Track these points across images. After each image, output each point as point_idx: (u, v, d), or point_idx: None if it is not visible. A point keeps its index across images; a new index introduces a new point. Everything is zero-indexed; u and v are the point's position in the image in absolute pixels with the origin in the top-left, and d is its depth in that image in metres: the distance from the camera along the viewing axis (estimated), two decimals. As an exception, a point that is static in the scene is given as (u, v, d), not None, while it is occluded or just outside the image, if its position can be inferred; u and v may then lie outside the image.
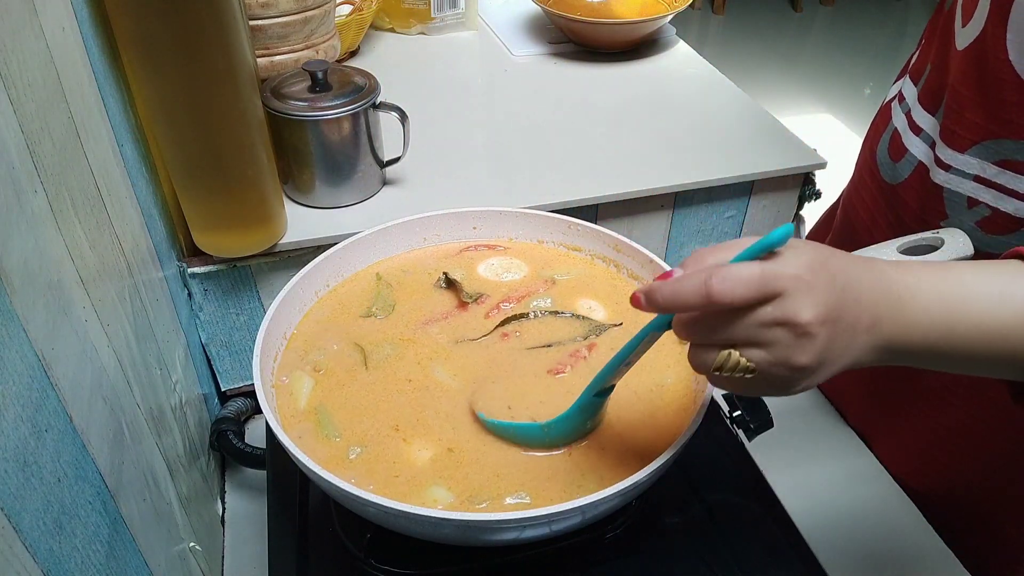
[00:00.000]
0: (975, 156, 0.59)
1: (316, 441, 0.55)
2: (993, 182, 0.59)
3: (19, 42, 0.42)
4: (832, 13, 4.03)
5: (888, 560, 0.71)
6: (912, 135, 0.66)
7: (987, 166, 0.59)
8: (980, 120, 0.58)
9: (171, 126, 0.64)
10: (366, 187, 0.82)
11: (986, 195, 0.59)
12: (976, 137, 0.59)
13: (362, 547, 0.57)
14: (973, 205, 0.60)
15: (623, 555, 0.59)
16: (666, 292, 0.42)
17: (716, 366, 0.42)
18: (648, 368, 0.61)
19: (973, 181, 0.60)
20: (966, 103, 0.59)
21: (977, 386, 0.66)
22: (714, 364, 0.42)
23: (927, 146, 0.64)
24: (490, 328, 0.64)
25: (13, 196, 0.38)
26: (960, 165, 0.60)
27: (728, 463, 0.65)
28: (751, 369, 0.42)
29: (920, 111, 0.66)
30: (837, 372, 0.44)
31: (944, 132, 0.62)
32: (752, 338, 0.41)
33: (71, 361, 0.43)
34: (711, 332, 0.42)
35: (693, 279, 0.41)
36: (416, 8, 1.16)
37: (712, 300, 0.40)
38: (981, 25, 0.57)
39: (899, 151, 0.67)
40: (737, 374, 0.42)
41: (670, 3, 1.14)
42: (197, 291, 0.75)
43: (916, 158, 0.65)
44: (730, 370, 0.42)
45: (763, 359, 0.42)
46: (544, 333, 0.63)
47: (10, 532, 0.34)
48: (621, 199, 0.84)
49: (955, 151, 0.60)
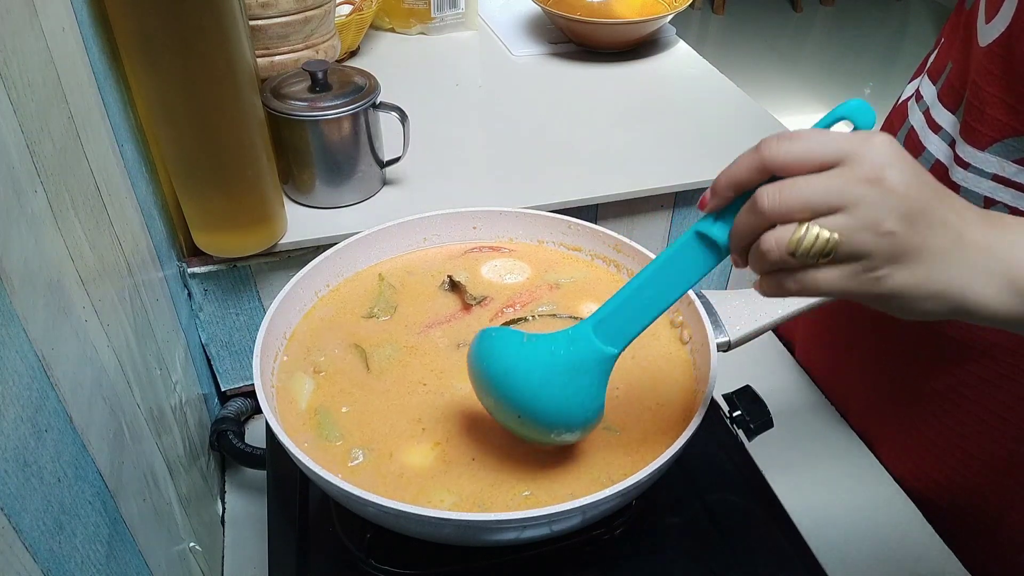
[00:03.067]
0: (995, 154, 0.59)
1: (316, 442, 0.55)
2: (1012, 181, 0.58)
3: (19, 42, 0.42)
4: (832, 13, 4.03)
5: (889, 561, 0.71)
6: (931, 133, 0.66)
7: (1007, 164, 0.59)
8: (1002, 117, 0.58)
9: (171, 126, 0.64)
10: (366, 187, 0.82)
11: (1004, 194, 0.59)
12: (997, 134, 0.59)
13: (362, 547, 0.57)
14: (990, 204, 0.60)
15: (623, 555, 0.59)
16: (724, 174, 0.39)
17: (791, 246, 0.38)
18: (648, 367, 0.61)
19: (991, 180, 0.60)
20: (988, 100, 0.59)
21: (985, 387, 0.66)
22: (789, 243, 0.38)
23: (946, 144, 0.64)
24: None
25: (13, 196, 0.38)
26: (979, 163, 0.60)
27: (728, 463, 0.65)
28: (832, 245, 0.37)
29: (940, 109, 0.65)
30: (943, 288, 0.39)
31: (964, 129, 0.61)
32: (830, 198, 0.37)
33: (71, 361, 0.43)
34: (781, 200, 0.38)
35: (745, 154, 0.39)
36: (416, 8, 1.16)
37: (768, 157, 0.38)
38: (1007, 22, 0.57)
39: (916, 149, 0.67)
40: (816, 250, 0.38)
41: (670, 3, 1.14)
42: (197, 291, 0.75)
43: (934, 156, 0.65)
44: (807, 249, 0.38)
45: (845, 224, 0.37)
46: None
47: (10, 532, 0.34)
48: (621, 199, 0.84)
49: (975, 148, 0.60)
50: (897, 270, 0.38)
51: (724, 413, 0.65)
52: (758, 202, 0.39)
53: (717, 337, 0.60)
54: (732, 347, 0.61)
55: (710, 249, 0.44)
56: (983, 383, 0.66)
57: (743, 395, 0.64)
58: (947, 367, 0.69)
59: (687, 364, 0.61)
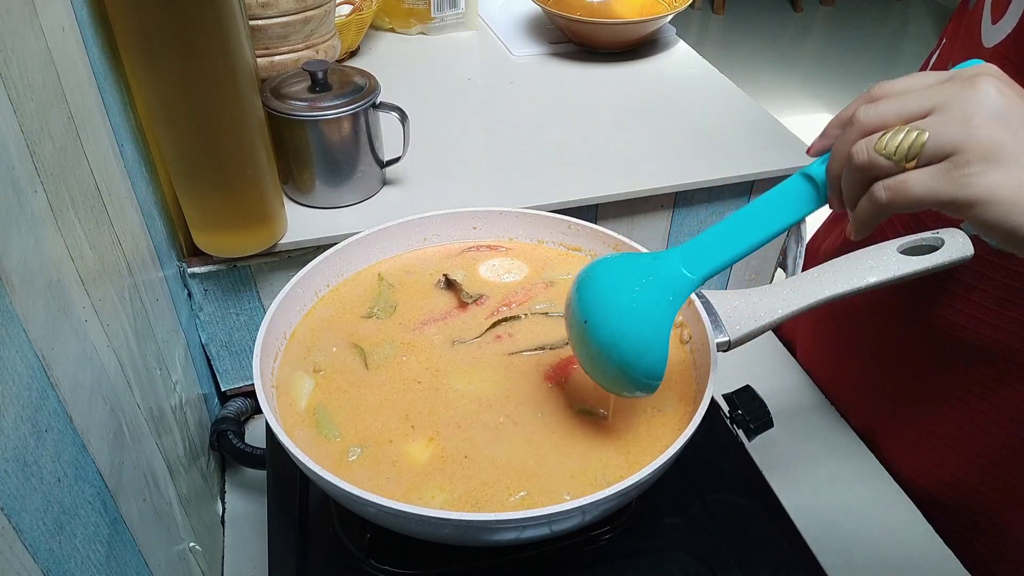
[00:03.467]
0: None
1: (316, 441, 0.55)
2: None
3: (19, 42, 0.42)
4: (832, 13, 4.03)
5: (889, 560, 0.71)
6: None
7: None
8: None
9: (171, 126, 0.64)
10: (366, 187, 0.82)
11: None
12: None
13: (362, 547, 0.57)
14: None
15: (623, 555, 0.59)
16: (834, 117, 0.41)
17: (881, 145, 0.39)
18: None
19: None
20: None
21: (988, 386, 0.66)
22: (878, 143, 0.40)
23: None
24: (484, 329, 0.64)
25: (13, 196, 0.38)
26: None
27: (728, 463, 0.65)
28: (921, 141, 0.39)
29: None
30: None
31: None
32: (923, 102, 0.39)
33: (71, 361, 0.43)
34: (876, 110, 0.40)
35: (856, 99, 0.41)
36: (416, 8, 1.16)
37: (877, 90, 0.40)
38: (1015, 22, 0.57)
39: None
40: (904, 145, 0.39)
41: (670, 3, 1.14)
42: (197, 291, 0.75)
43: None
44: (896, 145, 0.39)
45: (935, 120, 0.39)
46: (538, 334, 0.63)
47: (10, 532, 0.34)
48: (621, 199, 0.84)
49: None
50: (990, 169, 0.38)
51: (724, 413, 0.65)
52: (856, 115, 0.41)
53: (717, 337, 0.60)
54: (732, 347, 0.61)
55: (811, 191, 0.46)
56: (986, 382, 0.66)
57: (743, 395, 0.64)
58: (949, 366, 0.69)
59: (687, 364, 0.61)
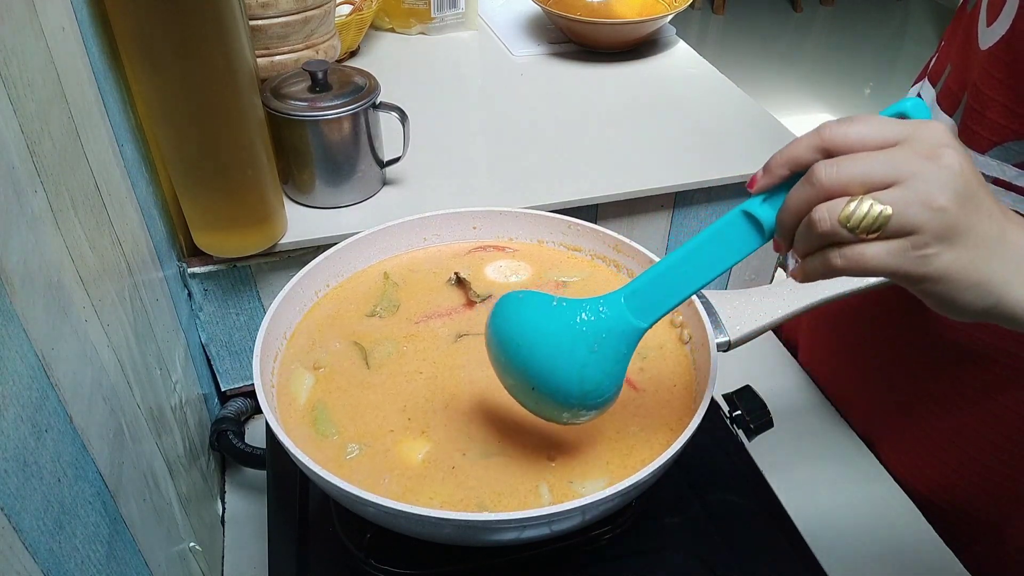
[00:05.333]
0: (995, 158, 0.59)
1: (316, 441, 0.55)
2: (1013, 184, 0.58)
3: (19, 42, 0.42)
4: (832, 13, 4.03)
5: (889, 561, 0.71)
6: None
7: (1007, 168, 0.58)
8: (1003, 120, 0.58)
9: (171, 126, 0.64)
10: (366, 187, 0.82)
11: (1005, 198, 0.59)
12: (998, 138, 0.58)
13: (362, 547, 0.57)
14: None
15: (623, 555, 0.59)
16: (779, 153, 0.40)
17: (844, 216, 0.38)
18: (648, 367, 0.61)
19: (992, 184, 0.59)
20: (989, 103, 0.59)
21: (987, 390, 0.66)
22: (842, 214, 0.38)
23: None
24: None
25: (13, 196, 0.38)
26: (980, 167, 0.60)
27: (728, 463, 0.65)
28: (884, 217, 0.38)
29: (939, 112, 0.65)
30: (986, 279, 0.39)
31: (963, 132, 0.61)
32: (887, 171, 0.38)
33: (71, 361, 0.43)
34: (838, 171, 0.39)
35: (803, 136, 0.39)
36: (416, 8, 1.16)
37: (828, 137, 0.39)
38: (1009, 23, 0.57)
39: None
40: (868, 221, 0.38)
41: (670, 3, 1.14)
42: (197, 291, 0.75)
43: None
44: (860, 219, 0.38)
45: (899, 197, 0.38)
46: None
47: (10, 532, 0.34)
48: (621, 199, 0.84)
49: (976, 152, 0.60)
50: (945, 249, 0.38)
51: (724, 413, 0.65)
52: (815, 173, 0.40)
53: (717, 337, 0.60)
54: (732, 347, 0.61)
55: (754, 230, 0.44)
56: (984, 386, 0.66)
57: (743, 395, 0.64)
58: (948, 370, 0.69)
59: (687, 364, 0.61)
